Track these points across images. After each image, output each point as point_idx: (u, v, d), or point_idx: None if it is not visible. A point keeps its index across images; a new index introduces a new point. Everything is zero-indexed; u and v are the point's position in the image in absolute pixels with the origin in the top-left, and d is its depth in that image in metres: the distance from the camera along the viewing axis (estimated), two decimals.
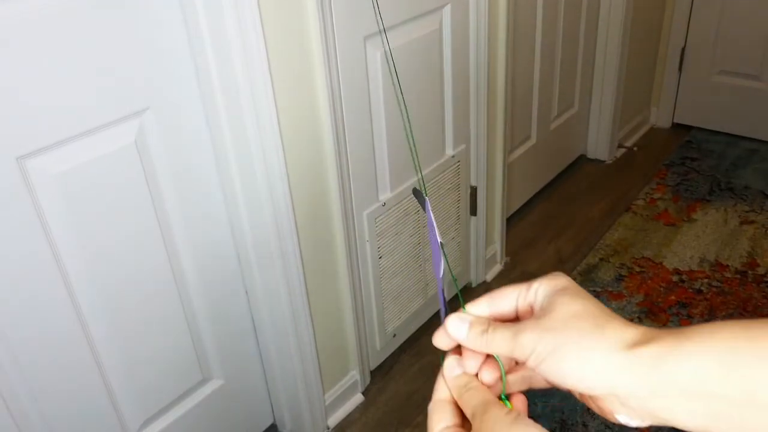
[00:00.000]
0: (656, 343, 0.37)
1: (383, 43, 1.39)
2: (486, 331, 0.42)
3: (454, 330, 0.44)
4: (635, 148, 2.85)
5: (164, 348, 1.27)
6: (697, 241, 2.20)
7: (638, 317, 1.88)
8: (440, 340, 0.45)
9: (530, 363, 0.40)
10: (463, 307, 0.45)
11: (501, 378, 0.44)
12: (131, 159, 1.11)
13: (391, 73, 1.41)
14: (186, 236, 1.24)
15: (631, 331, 0.38)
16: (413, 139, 1.60)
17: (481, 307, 0.45)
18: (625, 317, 0.40)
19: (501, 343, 0.41)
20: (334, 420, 1.62)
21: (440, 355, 0.45)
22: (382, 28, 1.37)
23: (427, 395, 1.67)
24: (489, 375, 0.44)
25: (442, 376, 0.45)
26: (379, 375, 1.75)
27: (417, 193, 0.50)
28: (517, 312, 0.44)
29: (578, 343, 0.38)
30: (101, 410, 1.20)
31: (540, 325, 0.40)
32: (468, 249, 1.96)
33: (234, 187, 1.26)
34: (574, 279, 2.07)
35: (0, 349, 1.02)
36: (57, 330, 1.09)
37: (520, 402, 0.44)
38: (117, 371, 1.20)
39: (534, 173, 2.44)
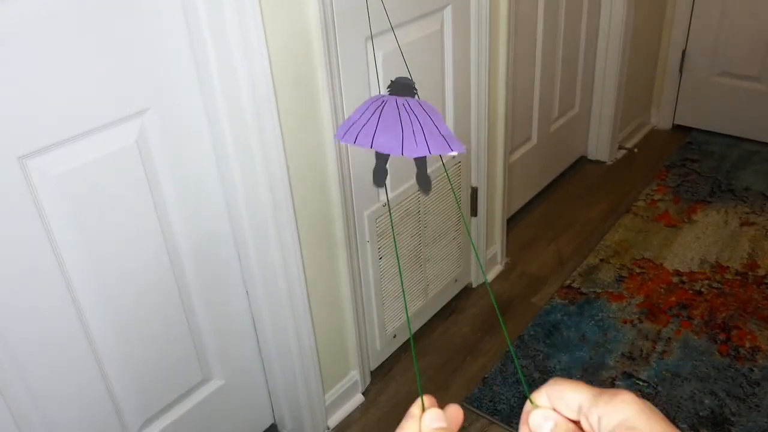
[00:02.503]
0: None
1: (395, 39, 1.40)
2: None
3: (536, 426, 0.40)
4: (636, 150, 2.85)
5: (165, 348, 1.28)
6: (698, 243, 2.20)
7: (638, 318, 1.88)
8: None
9: None
10: (530, 399, 0.41)
11: None
12: (132, 159, 1.11)
13: (379, 76, 1.41)
14: (187, 236, 1.24)
15: None
16: None
17: (542, 399, 0.41)
18: (625, 318, 0.39)
19: None
20: (334, 420, 1.62)
21: (419, 392, 0.43)
22: (390, 25, 1.37)
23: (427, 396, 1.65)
24: None
25: (414, 420, 0.42)
26: (380, 375, 1.75)
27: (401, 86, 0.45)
28: (578, 421, 0.40)
29: None
30: (101, 410, 1.20)
31: None
32: (468, 250, 1.96)
33: (235, 188, 1.26)
34: (574, 280, 2.08)
35: (0, 349, 1.02)
36: (57, 330, 1.09)
37: None
38: (117, 371, 1.20)
39: (534, 174, 2.44)
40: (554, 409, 0.40)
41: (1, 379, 1.03)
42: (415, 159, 0.44)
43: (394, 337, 1.77)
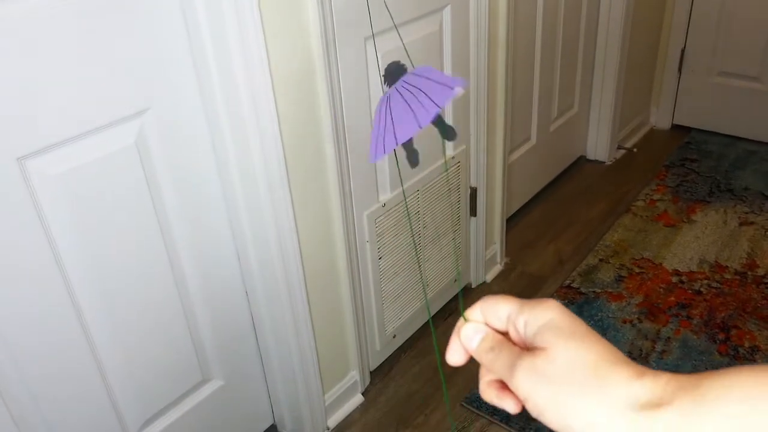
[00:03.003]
0: (670, 408, 0.33)
1: (395, 39, 1.40)
2: (493, 349, 0.41)
3: (466, 338, 0.43)
4: (635, 150, 2.85)
5: (164, 348, 1.28)
6: (697, 242, 2.20)
7: (638, 318, 1.88)
8: (455, 354, 0.44)
9: (529, 410, 0.38)
10: (463, 315, 0.44)
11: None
12: (131, 160, 1.11)
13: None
14: (186, 237, 1.24)
15: (638, 387, 0.35)
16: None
17: (476, 314, 0.44)
18: (625, 318, 0.39)
19: (501, 368, 0.40)
20: (334, 420, 1.62)
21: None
22: (394, 23, 1.37)
23: (427, 396, 1.68)
24: None
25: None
26: (379, 375, 1.75)
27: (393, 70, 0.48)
28: (507, 331, 0.42)
29: (579, 400, 0.36)
30: (101, 411, 1.20)
31: (536, 368, 0.37)
32: (468, 250, 1.96)
33: (234, 188, 1.26)
34: (574, 280, 2.08)
35: (0, 350, 1.02)
36: (56, 331, 1.09)
37: None
38: (117, 371, 1.20)
39: (534, 174, 2.44)
40: (486, 324, 0.43)
41: (1, 379, 1.03)
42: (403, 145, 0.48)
43: (394, 337, 1.77)
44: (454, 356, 0.44)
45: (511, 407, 0.41)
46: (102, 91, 1.03)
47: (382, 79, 0.46)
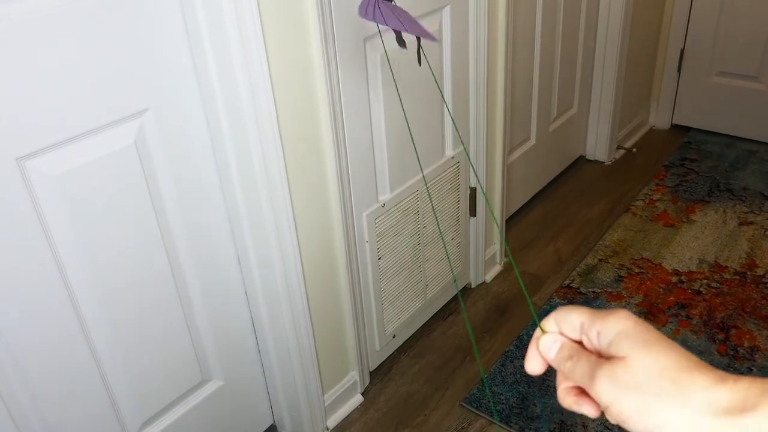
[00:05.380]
0: (753, 413, 0.34)
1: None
2: (572, 357, 0.42)
3: (545, 348, 0.45)
4: (634, 150, 2.86)
5: (164, 349, 1.28)
6: (696, 242, 2.20)
7: None
8: (533, 362, 0.46)
9: (610, 418, 0.39)
10: (540, 326, 0.46)
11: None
12: (131, 160, 1.11)
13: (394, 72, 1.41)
14: (186, 237, 1.24)
15: (720, 393, 0.35)
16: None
17: (551, 325, 0.45)
18: None
19: (580, 377, 0.41)
20: (333, 420, 1.62)
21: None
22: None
23: (426, 396, 1.68)
24: None
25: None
26: (379, 376, 1.75)
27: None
28: (581, 341, 0.44)
29: (662, 407, 0.36)
30: (101, 411, 1.20)
31: (617, 377, 0.38)
32: (467, 250, 1.96)
33: (234, 188, 1.26)
34: (573, 280, 2.08)
35: (0, 350, 1.02)
36: (56, 331, 1.09)
37: None
38: (116, 372, 1.20)
39: (533, 174, 2.44)
40: (561, 333, 0.44)
41: (1, 379, 1.03)
42: (393, 30, 0.81)
43: (394, 337, 1.77)
44: (533, 365, 0.46)
45: (590, 412, 0.42)
46: (101, 92, 1.03)
47: None
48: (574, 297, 1.97)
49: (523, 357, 1.75)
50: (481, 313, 1.94)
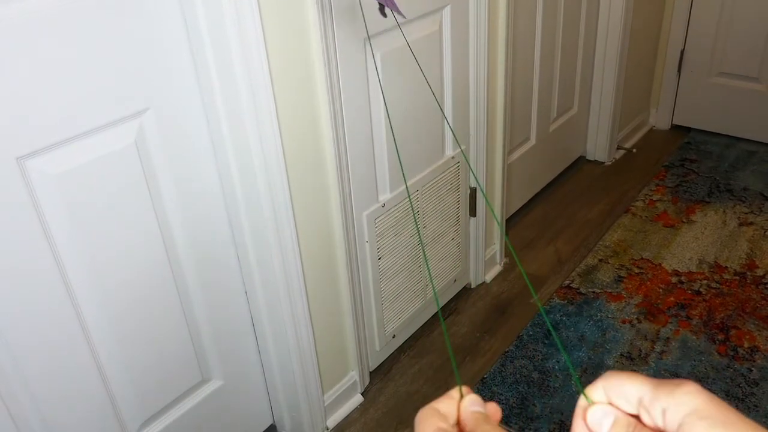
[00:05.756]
0: None
1: (394, 39, 1.40)
2: None
3: (595, 423, 0.38)
4: (634, 150, 2.86)
5: (164, 348, 1.28)
6: (696, 243, 2.20)
7: (637, 318, 1.88)
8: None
9: None
10: (584, 395, 0.40)
11: None
12: (131, 159, 1.11)
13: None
14: (186, 237, 1.24)
15: None
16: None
17: (598, 393, 0.39)
18: (624, 318, 0.38)
19: None
20: (333, 420, 1.62)
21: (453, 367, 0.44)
22: (397, 22, 1.37)
23: (426, 396, 1.67)
24: None
25: (453, 401, 0.41)
26: (379, 375, 1.75)
27: None
28: (638, 415, 0.38)
29: None
30: (100, 410, 1.20)
31: None
32: (467, 250, 1.96)
33: (234, 189, 1.26)
34: (573, 280, 2.08)
35: (0, 350, 1.02)
36: (56, 331, 1.09)
37: None
38: (116, 372, 1.20)
39: (533, 174, 2.44)
40: (611, 404, 0.39)
41: (1, 379, 1.03)
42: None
43: (393, 337, 1.77)
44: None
45: None
46: (102, 91, 1.03)
47: None
48: (574, 297, 1.97)
49: (522, 357, 1.75)
50: (481, 313, 1.94)
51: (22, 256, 1.01)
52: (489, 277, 2.08)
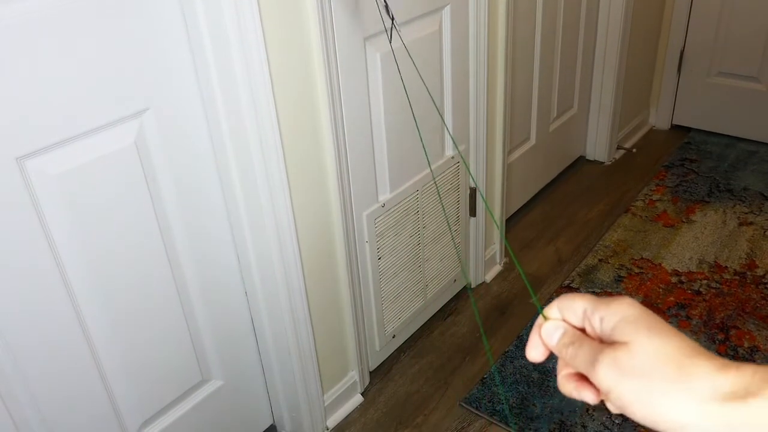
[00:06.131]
0: (757, 399, 0.34)
1: (394, 39, 1.39)
2: (573, 344, 0.42)
3: (547, 335, 0.44)
4: (634, 150, 2.86)
5: (164, 349, 1.28)
6: (696, 243, 2.20)
7: None
8: (535, 350, 0.45)
9: (611, 405, 0.39)
10: (542, 313, 0.46)
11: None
12: (131, 160, 1.11)
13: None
14: (185, 236, 1.24)
15: (723, 379, 0.36)
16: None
17: (554, 312, 0.45)
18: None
19: (581, 363, 0.41)
20: (333, 420, 1.62)
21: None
22: (395, 24, 1.37)
23: (426, 396, 1.67)
24: None
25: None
26: (379, 376, 1.75)
27: None
28: (584, 328, 0.44)
29: (664, 393, 0.36)
30: (100, 411, 1.20)
31: (618, 362, 0.38)
32: (467, 250, 1.96)
33: (233, 188, 1.26)
34: (573, 280, 2.08)
35: (0, 350, 1.02)
36: (56, 331, 1.09)
37: None
38: (116, 372, 1.20)
39: (533, 174, 2.44)
40: (564, 320, 0.44)
41: (1, 379, 1.03)
42: None
43: (393, 337, 1.77)
44: (534, 352, 0.46)
45: (590, 398, 0.42)
46: (101, 91, 1.03)
47: None
48: None
49: (522, 357, 1.75)
50: (480, 313, 1.94)
51: (22, 256, 1.01)
52: (489, 277, 2.08)
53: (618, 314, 0.40)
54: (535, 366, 1.74)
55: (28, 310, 1.04)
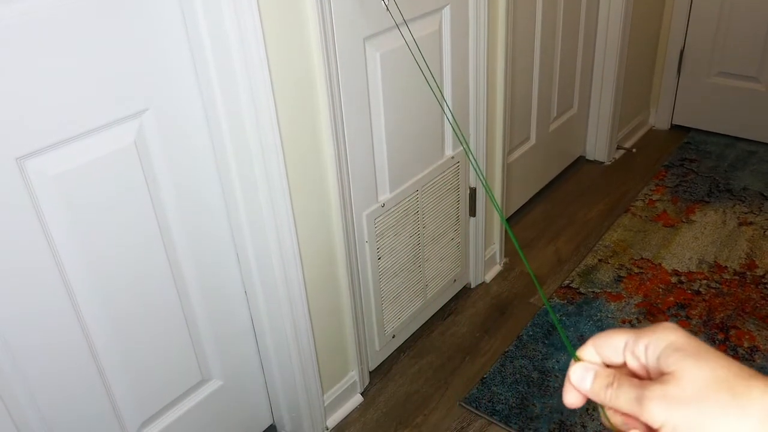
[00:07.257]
0: None
1: (395, 39, 1.39)
2: (611, 385, 0.40)
3: (578, 380, 0.42)
4: (634, 150, 2.86)
5: (163, 348, 1.28)
6: (696, 243, 2.20)
7: (637, 318, 1.88)
8: (570, 396, 0.43)
9: None
10: (573, 355, 0.43)
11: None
12: (131, 160, 1.11)
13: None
14: (185, 236, 1.24)
15: None
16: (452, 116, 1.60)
17: (589, 352, 0.43)
18: (624, 318, 0.40)
19: (625, 403, 0.39)
20: (333, 420, 1.62)
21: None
22: (395, 23, 1.37)
23: (426, 396, 1.67)
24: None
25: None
26: (379, 376, 1.75)
27: None
28: (626, 363, 0.42)
29: (719, 419, 0.35)
30: (100, 411, 1.20)
31: (668, 395, 0.37)
32: (467, 250, 1.96)
33: (233, 188, 1.26)
34: (573, 280, 2.08)
35: (0, 350, 1.02)
36: (56, 331, 1.09)
37: None
38: (116, 371, 1.20)
39: (533, 174, 2.44)
40: (602, 359, 0.42)
41: (1, 379, 1.03)
42: None
43: (393, 337, 1.77)
44: (570, 398, 0.44)
45: None
46: (101, 92, 1.03)
47: None
48: (573, 297, 1.97)
49: (522, 357, 1.75)
50: (480, 313, 1.95)
51: (22, 256, 1.01)
52: (489, 277, 2.08)
53: (663, 340, 0.39)
54: (535, 366, 1.74)
55: (28, 311, 1.04)
